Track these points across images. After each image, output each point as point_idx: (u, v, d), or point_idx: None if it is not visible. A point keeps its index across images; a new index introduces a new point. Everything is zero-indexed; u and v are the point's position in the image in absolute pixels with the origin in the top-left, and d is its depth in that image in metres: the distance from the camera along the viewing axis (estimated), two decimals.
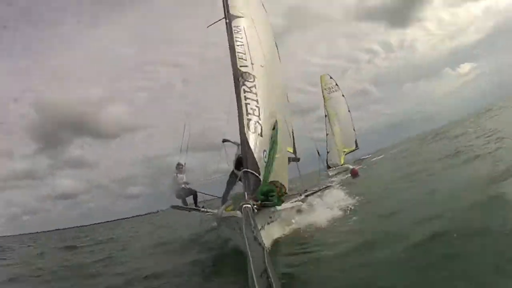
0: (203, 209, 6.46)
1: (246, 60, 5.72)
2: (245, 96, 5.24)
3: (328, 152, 23.26)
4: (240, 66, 5.56)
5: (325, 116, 24.16)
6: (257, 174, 4.60)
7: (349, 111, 24.24)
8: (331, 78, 24.72)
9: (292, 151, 9.39)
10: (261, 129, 5.12)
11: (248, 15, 6.77)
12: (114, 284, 4.58)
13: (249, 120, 5.05)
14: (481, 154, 7.31)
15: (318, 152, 9.08)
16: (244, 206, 3.56)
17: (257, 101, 5.31)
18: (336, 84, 24.46)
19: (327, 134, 23.90)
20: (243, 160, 4.78)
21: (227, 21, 6.45)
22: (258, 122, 5.13)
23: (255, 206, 3.75)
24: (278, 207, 4.56)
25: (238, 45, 5.89)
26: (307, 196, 7.08)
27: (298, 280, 2.97)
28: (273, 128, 5.51)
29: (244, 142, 4.87)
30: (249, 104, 5.20)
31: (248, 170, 4.57)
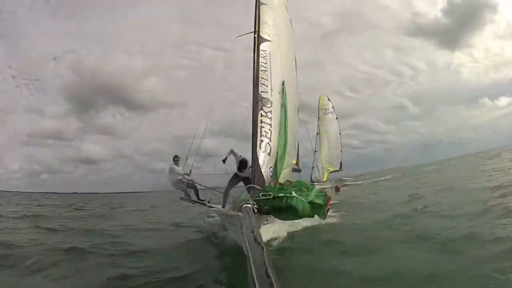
0: (208, 204, 6.82)
1: (267, 86, 6.40)
2: (261, 120, 5.95)
3: (313, 168, 24.38)
4: (261, 92, 6.27)
5: (317, 134, 25.30)
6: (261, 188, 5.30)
7: (340, 133, 25.49)
8: (328, 100, 25.94)
9: (295, 163, 10.23)
10: (270, 149, 5.87)
11: (276, 37, 7.19)
12: None
13: (261, 141, 5.78)
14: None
15: (317, 168, 9.96)
16: (244, 206, 3.82)
17: (270, 125, 6.04)
18: (332, 107, 25.69)
19: (315, 151, 25.01)
20: (251, 176, 5.53)
21: (255, 36, 6.92)
22: (268, 143, 5.86)
23: (255, 206, 4.03)
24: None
25: (262, 70, 6.54)
26: None
27: (294, 279, 3.45)
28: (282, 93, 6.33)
29: (255, 159, 5.62)
30: (263, 127, 5.91)
31: (254, 185, 5.30)
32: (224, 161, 7.18)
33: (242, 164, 6.00)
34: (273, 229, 5.46)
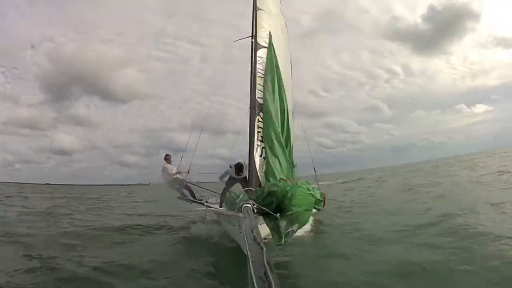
0: (206, 203, 6.78)
1: (263, 92, 6.65)
2: (258, 125, 6.18)
3: None
4: (258, 98, 6.47)
5: None
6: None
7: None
8: None
9: None
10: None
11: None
12: None
13: (258, 145, 6.02)
14: None
15: (315, 169, 10.02)
16: (244, 206, 3.93)
17: None
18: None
19: None
20: (248, 179, 5.73)
21: (253, 40, 7.13)
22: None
23: (255, 206, 4.18)
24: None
25: (259, 77, 6.73)
26: None
27: (291, 280, 3.67)
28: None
29: (252, 163, 5.82)
30: (260, 132, 6.15)
31: (250, 188, 5.51)
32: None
33: (238, 168, 6.12)
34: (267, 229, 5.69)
